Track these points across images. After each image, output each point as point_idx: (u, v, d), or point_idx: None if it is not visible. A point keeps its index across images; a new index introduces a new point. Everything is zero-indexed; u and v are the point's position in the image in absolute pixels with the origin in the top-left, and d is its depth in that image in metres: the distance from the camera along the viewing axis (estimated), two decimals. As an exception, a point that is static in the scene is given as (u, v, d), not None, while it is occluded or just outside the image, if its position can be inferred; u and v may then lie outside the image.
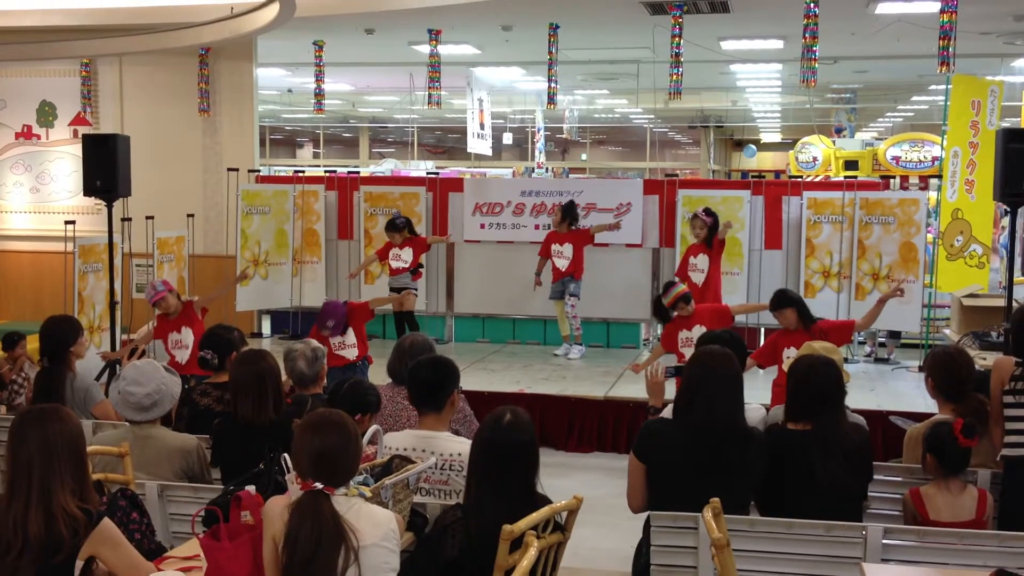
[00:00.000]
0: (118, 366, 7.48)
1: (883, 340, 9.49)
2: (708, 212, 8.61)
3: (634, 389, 7.73)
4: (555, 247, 9.14)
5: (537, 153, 22.85)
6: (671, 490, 3.82)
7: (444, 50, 11.17)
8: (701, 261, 8.52)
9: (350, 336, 7.00)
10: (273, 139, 30.63)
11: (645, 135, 29.57)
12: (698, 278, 8.45)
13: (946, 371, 4.56)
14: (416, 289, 9.23)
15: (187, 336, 6.98)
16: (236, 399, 4.31)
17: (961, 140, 8.99)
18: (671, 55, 9.54)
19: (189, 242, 10.17)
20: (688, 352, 6.70)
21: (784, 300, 6.40)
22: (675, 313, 7.02)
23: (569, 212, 9.18)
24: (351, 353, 6.98)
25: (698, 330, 6.79)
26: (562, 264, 9.11)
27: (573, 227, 9.15)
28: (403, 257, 9.10)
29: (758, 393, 5.90)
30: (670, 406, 4.15)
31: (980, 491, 4.05)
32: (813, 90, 13.20)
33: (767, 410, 4.63)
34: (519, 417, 3.43)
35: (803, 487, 3.86)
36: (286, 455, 3.09)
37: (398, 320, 9.19)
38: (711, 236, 8.49)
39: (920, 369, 8.34)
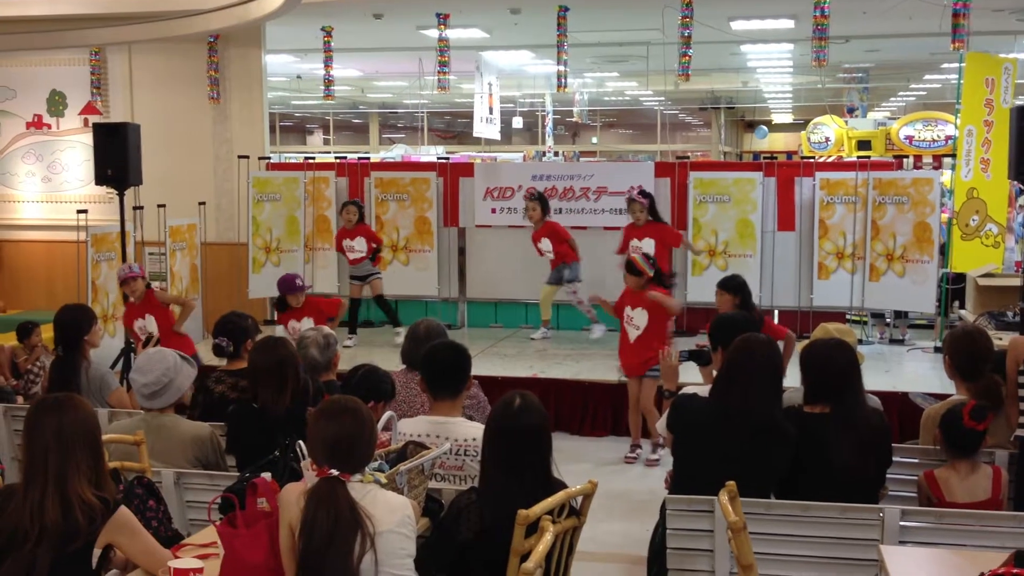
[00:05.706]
0: (132, 354, 7.51)
1: (890, 321, 9.41)
2: (644, 193, 8.54)
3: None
4: (539, 244, 9.09)
5: (547, 137, 22.80)
6: (693, 467, 3.87)
7: (453, 34, 11.12)
8: (647, 245, 8.31)
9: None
10: (283, 126, 30.59)
11: (656, 117, 29.42)
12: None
13: (964, 350, 4.53)
14: (380, 274, 9.34)
15: (151, 323, 7.09)
16: (257, 386, 4.30)
17: (975, 119, 8.90)
18: (681, 36, 9.48)
19: (201, 230, 10.18)
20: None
21: (732, 285, 5.95)
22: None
23: (546, 205, 9.11)
24: None
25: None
26: (549, 256, 9.07)
27: (546, 217, 9.06)
28: (356, 248, 9.19)
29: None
30: (707, 386, 4.16)
31: (995, 469, 4.02)
32: (824, 70, 13.11)
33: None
34: (529, 401, 3.43)
35: (819, 470, 3.84)
36: (301, 442, 3.09)
37: (379, 304, 9.36)
38: (654, 215, 8.49)
39: (936, 350, 8.30)
